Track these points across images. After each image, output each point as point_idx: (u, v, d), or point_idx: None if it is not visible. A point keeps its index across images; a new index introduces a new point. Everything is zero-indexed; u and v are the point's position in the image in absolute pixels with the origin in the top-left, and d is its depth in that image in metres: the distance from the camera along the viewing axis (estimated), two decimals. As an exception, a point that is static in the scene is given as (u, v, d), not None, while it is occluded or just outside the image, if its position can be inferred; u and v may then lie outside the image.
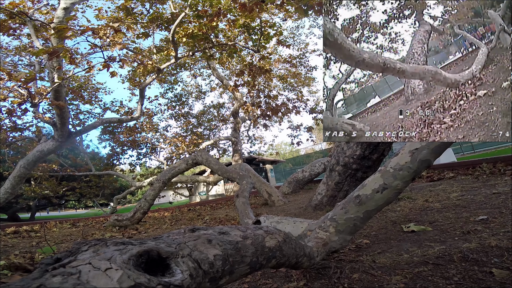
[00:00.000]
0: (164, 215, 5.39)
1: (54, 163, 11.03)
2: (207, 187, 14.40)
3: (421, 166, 1.30)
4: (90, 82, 11.22)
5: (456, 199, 2.35)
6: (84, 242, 0.58)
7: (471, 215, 1.81)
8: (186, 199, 17.97)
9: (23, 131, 9.15)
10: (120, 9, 6.82)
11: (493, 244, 1.27)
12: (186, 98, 13.80)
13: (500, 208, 1.83)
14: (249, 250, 0.82)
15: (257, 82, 9.74)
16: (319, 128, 15.98)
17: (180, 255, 0.62)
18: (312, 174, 6.08)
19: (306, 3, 3.89)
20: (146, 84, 8.34)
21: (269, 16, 9.58)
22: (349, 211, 1.36)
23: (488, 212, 1.80)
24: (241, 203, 3.17)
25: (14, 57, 8.93)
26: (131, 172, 14.95)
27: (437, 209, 2.14)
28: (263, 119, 12.21)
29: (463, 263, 1.16)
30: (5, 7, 4.70)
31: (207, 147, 11.89)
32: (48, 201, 16.12)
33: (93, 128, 8.30)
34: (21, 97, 5.56)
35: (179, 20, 6.23)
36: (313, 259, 1.21)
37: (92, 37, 4.83)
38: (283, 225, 1.74)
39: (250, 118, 12.48)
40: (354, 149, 3.01)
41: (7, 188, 6.10)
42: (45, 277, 0.43)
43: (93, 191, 12.77)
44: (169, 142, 12.24)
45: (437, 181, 3.66)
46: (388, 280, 1.13)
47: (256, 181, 4.95)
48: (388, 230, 1.85)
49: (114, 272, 0.46)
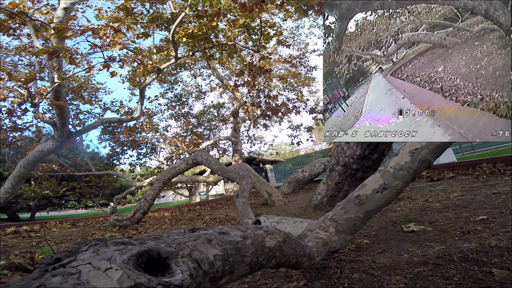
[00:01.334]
0: (164, 215, 5.39)
1: (54, 163, 11.04)
2: (207, 187, 14.41)
3: (421, 166, 1.30)
4: (90, 82, 11.23)
5: (456, 199, 2.35)
6: (84, 242, 0.58)
7: (471, 215, 1.81)
8: (186, 199, 17.98)
9: (23, 131, 9.16)
10: (120, 9, 6.82)
11: (493, 244, 1.27)
12: (186, 98, 13.82)
13: (500, 208, 1.83)
14: (249, 250, 0.82)
15: (257, 82, 9.75)
16: (319, 128, 15.99)
17: (180, 255, 0.62)
18: (312, 174, 6.08)
19: (306, 3, 3.89)
20: (146, 84, 8.34)
21: (269, 16, 9.57)
22: (349, 211, 1.36)
23: (488, 212, 1.80)
24: (241, 203, 3.17)
25: (14, 57, 8.94)
26: (131, 172, 14.95)
27: (437, 209, 2.14)
28: (263, 119, 12.22)
29: (463, 263, 1.16)
30: (5, 7, 4.71)
31: (207, 147, 11.89)
32: (48, 201, 16.14)
33: (93, 128, 8.31)
34: (21, 97, 5.57)
35: (179, 20, 6.23)
36: (313, 259, 1.21)
37: (92, 37, 4.84)
38: (283, 225, 1.74)
39: (250, 118, 12.48)
40: (354, 149, 3.01)
41: (7, 188, 6.10)
42: (45, 277, 0.43)
43: (93, 191, 12.78)
44: (169, 142, 12.25)
45: (437, 181, 3.66)
46: (388, 280, 1.13)
47: (256, 181, 4.95)
48: (388, 230, 1.85)
49: (114, 272, 0.46)
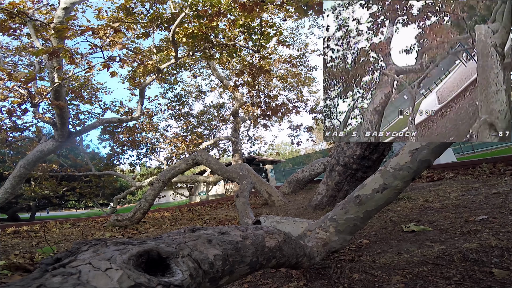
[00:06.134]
0: (164, 215, 5.39)
1: (54, 163, 11.04)
2: (207, 187, 14.40)
3: (421, 166, 1.30)
4: (90, 82, 11.23)
5: (456, 199, 2.35)
6: (84, 242, 0.58)
7: (471, 215, 1.81)
8: (186, 199, 17.98)
9: (23, 131, 9.17)
10: (120, 9, 6.82)
11: (493, 244, 1.27)
12: (186, 98, 13.82)
13: (500, 208, 1.83)
14: (249, 250, 0.81)
15: (257, 82, 9.74)
16: (319, 128, 15.99)
17: (180, 255, 0.62)
18: (312, 174, 6.08)
19: (306, 3, 3.89)
20: (146, 84, 8.34)
21: (269, 16, 9.58)
22: (349, 211, 1.36)
23: (488, 212, 1.80)
24: (241, 203, 3.17)
25: (14, 57, 8.94)
26: (131, 172, 14.94)
27: (437, 209, 2.14)
28: (263, 119, 12.22)
29: (463, 263, 1.16)
30: (5, 7, 4.70)
31: (207, 147, 11.89)
32: (48, 201, 16.14)
33: (93, 128, 8.31)
34: (21, 97, 5.56)
35: (179, 20, 6.23)
36: (313, 259, 1.21)
37: (92, 37, 4.84)
38: (283, 225, 1.74)
39: (250, 118, 12.48)
40: (354, 149, 3.01)
41: (7, 188, 6.10)
42: (45, 277, 0.43)
43: (93, 191, 12.78)
44: (169, 142, 12.25)
45: (437, 181, 3.66)
46: (388, 280, 1.13)
47: (256, 181, 4.95)
48: (388, 230, 1.85)
49: (114, 272, 0.46)
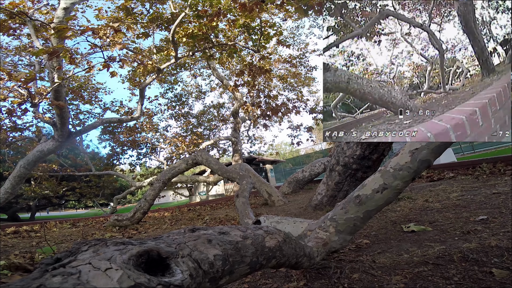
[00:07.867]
0: (164, 215, 5.39)
1: (54, 163, 11.04)
2: (207, 187, 14.40)
3: (421, 166, 1.30)
4: (90, 82, 11.23)
5: (456, 199, 2.35)
6: (84, 242, 0.58)
7: (471, 215, 1.81)
8: (186, 199, 17.98)
9: (23, 131, 9.16)
10: (120, 9, 6.82)
11: (493, 244, 1.27)
12: (186, 98, 13.81)
13: (500, 208, 1.83)
14: (249, 250, 0.81)
15: (257, 82, 9.74)
16: (319, 128, 15.98)
17: (180, 255, 0.62)
18: (312, 174, 6.08)
19: (306, 3, 3.89)
20: (146, 84, 8.34)
21: (269, 16, 9.58)
22: (349, 211, 1.36)
23: (488, 212, 1.80)
24: (241, 203, 3.17)
25: (14, 57, 8.93)
26: (131, 172, 14.95)
27: (437, 209, 2.14)
28: (263, 119, 12.21)
29: (463, 263, 1.16)
30: (5, 7, 4.70)
31: (207, 147, 11.89)
32: (48, 201, 16.15)
33: (93, 128, 8.30)
34: (21, 97, 5.57)
35: (179, 20, 6.23)
36: (313, 259, 1.21)
37: (92, 37, 4.83)
38: (283, 225, 1.74)
39: (250, 118, 12.48)
40: (354, 149, 3.01)
41: (7, 188, 6.10)
42: (45, 277, 0.43)
43: (93, 191, 12.79)
44: (169, 142, 12.25)
45: (437, 181, 3.66)
46: (388, 280, 1.13)
47: (256, 181, 4.95)
48: (388, 230, 1.85)
49: (114, 272, 0.46)
